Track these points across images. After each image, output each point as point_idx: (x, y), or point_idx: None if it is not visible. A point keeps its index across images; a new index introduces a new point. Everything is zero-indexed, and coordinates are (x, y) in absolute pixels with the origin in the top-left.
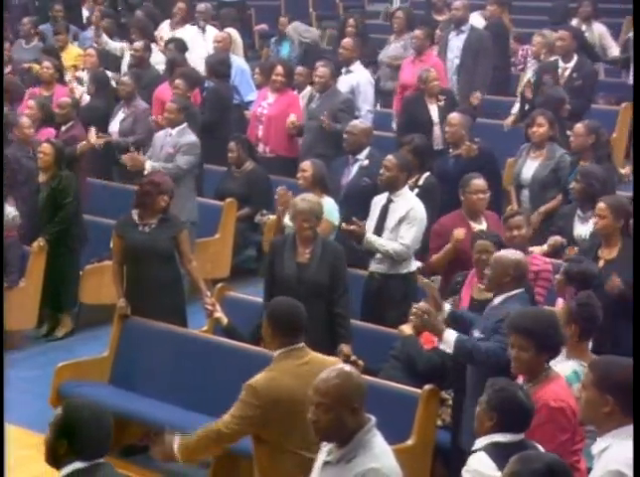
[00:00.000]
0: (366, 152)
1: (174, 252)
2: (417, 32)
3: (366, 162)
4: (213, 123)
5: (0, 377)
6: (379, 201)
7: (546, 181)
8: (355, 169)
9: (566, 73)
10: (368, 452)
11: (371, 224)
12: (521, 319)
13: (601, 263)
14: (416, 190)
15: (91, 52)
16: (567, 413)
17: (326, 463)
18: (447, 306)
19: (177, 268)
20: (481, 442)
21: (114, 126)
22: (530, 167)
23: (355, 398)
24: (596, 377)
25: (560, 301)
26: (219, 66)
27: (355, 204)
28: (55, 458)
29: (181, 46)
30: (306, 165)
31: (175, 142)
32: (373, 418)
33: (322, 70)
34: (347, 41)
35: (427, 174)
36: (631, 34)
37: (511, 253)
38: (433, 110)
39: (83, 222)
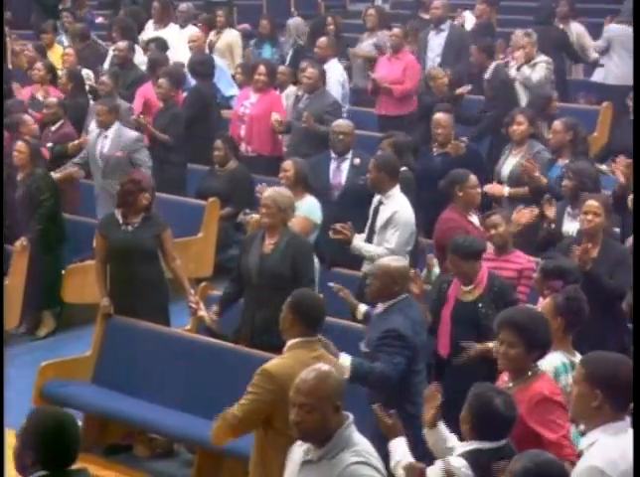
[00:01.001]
0: (351, 151)
1: (157, 251)
2: (396, 30)
3: (357, 161)
4: (190, 120)
5: (0, 377)
6: (374, 201)
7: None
8: (346, 168)
9: (484, 85)
10: (351, 448)
11: (368, 224)
12: (514, 314)
13: None
14: (397, 188)
15: (70, 51)
16: (563, 404)
17: (305, 462)
18: (363, 307)
19: (160, 267)
20: (462, 448)
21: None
22: (509, 164)
23: (336, 397)
24: (587, 372)
25: (541, 300)
26: (198, 66)
27: (352, 203)
28: (23, 468)
29: (162, 45)
30: (288, 164)
31: (119, 144)
32: (350, 415)
33: (310, 71)
34: (322, 40)
35: (403, 169)
36: (611, 25)
37: (394, 261)
38: None
39: (63, 220)
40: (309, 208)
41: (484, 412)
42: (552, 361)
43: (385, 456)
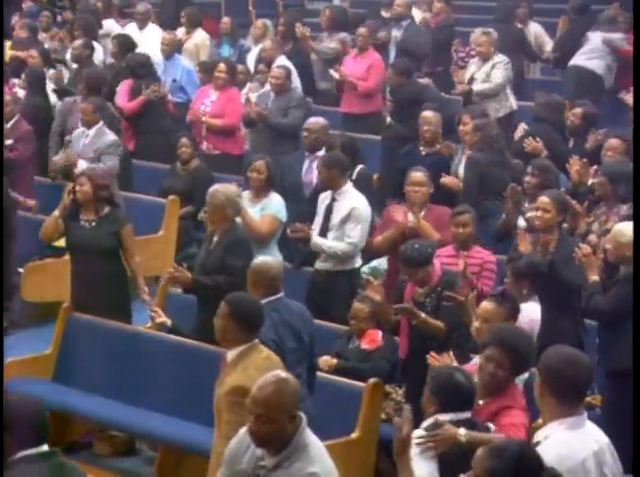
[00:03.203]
0: (325, 149)
1: (116, 248)
2: (361, 30)
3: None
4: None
5: (0, 374)
6: (324, 199)
7: None
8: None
9: None
10: (305, 456)
11: (318, 221)
12: (513, 338)
13: None
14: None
15: (34, 53)
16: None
17: (259, 467)
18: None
19: (120, 264)
20: (427, 422)
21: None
22: (463, 163)
23: (293, 406)
24: (539, 362)
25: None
26: (138, 68)
27: None
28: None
29: (123, 42)
30: (261, 166)
31: (93, 144)
32: (303, 417)
33: (277, 71)
34: (267, 43)
35: (360, 167)
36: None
37: (259, 260)
38: None
39: (14, 220)
40: (276, 206)
41: (447, 385)
42: None
43: None
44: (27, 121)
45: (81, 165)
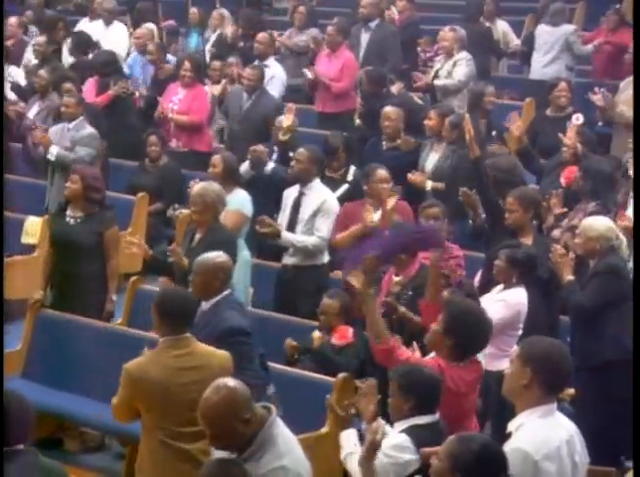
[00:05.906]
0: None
1: (98, 248)
2: (329, 28)
3: None
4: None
5: (0, 372)
6: (290, 194)
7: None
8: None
9: None
10: (273, 450)
11: (284, 216)
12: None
13: None
14: (346, 185)
15: None
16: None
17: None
18: None
19: (101, 264)
20: (401, 426)
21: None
22: (432, 159)
23: (243, 411)
24: (521, 351)
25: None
26: (103, 67)
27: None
28: None
29: (80, 39)
30: (217, 159)
31: (72, 136)
32: (273, 412)
33: (251, 72)
34: (262, 35)
35: (354, 169)
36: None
37: (213, 256)
38: None
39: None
40: (240, 201)
41: (420, 381)
42: None
43: None
44: None
45: (53, 150)
